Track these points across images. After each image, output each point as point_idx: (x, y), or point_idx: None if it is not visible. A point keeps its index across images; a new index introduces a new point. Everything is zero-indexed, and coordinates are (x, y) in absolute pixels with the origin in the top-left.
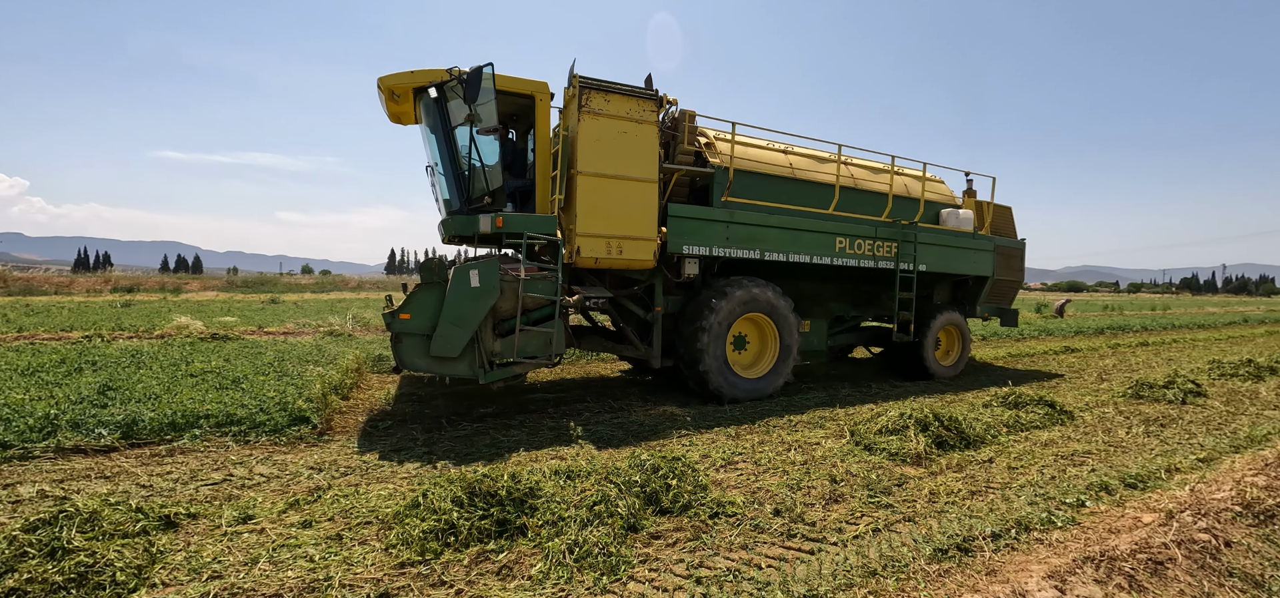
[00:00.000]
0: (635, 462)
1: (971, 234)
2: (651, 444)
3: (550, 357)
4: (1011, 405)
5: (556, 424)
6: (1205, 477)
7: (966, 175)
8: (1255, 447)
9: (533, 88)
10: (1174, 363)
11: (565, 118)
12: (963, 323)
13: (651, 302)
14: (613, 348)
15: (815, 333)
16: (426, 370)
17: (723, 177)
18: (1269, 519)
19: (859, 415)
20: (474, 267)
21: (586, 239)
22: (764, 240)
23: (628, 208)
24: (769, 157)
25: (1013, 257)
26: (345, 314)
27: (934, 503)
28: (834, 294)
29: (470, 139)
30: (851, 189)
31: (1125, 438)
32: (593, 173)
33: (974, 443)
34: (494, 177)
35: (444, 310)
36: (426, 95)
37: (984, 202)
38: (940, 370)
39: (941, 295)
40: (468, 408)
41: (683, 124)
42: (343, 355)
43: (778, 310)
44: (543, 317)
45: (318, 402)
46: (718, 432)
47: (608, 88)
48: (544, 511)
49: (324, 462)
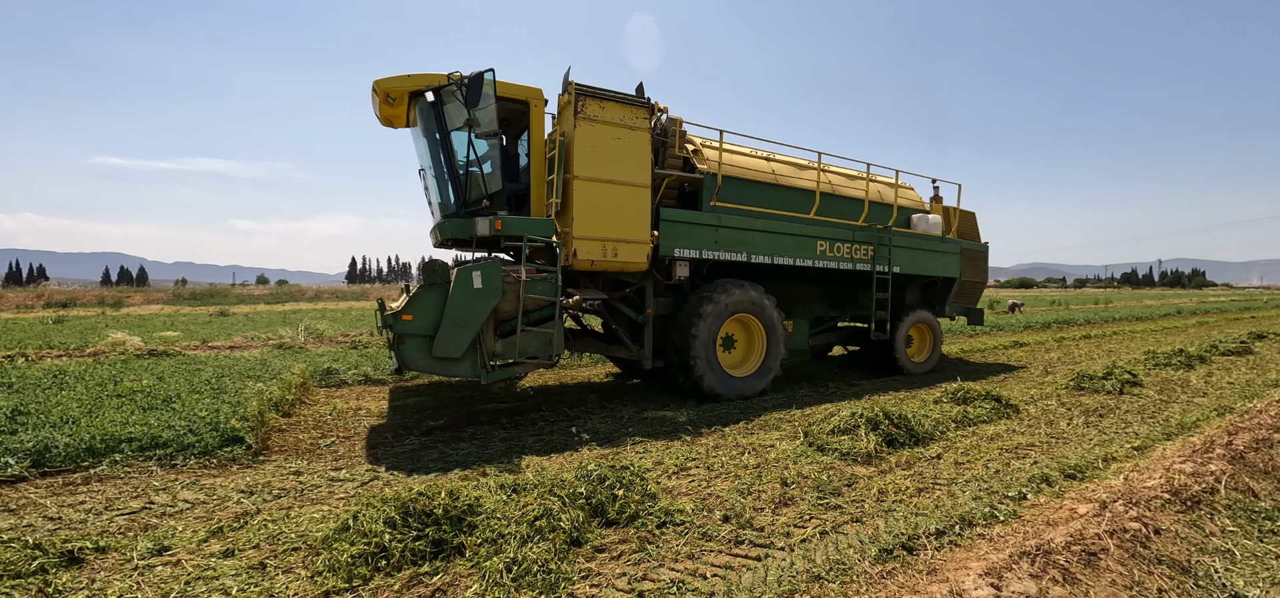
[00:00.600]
0: (582, 472)
1: (940, 238)
2: (605, 453)
3: (550, 356)
4: (960, 401)
5: (509, 436)
6: (1138, 465)
7: (934, 182)
8: (1185, 433)
9: (528, 94)
10: (1113, 355)
11: (560, 123)
12: (934, 321)
13: (642, 304)
14: (604, 350)
15: (798, 333)
16: (428, 371)
17: (711, 182)
18: (1195, 505)
19: (814, 416)
20: (477, 268)
21: (583, 242)
22: (751, 244)
23: (622, 212)
24: (753, 163)
25: (978, 259)
26: (298, 326)
27: (882, 502)
28: (814, 295)
29: (469, 143)
30: (830, 195)
31: (1066, 429)
32: (589, 178)
33: (923, 440)
34: (492, 180)
35: (447, 311)
36: (423, 99)
37: (950, 207)
38: (912, 367)
39: (913, 296)
40: (417, 421)
41: (673, 131)
42: (289, 369)
43: (764, 311)
44: (543, 318)
45: (253, 420)
46: (673, 438)
47: (603, 95)
48: (484, 528)
49: (256, 484)
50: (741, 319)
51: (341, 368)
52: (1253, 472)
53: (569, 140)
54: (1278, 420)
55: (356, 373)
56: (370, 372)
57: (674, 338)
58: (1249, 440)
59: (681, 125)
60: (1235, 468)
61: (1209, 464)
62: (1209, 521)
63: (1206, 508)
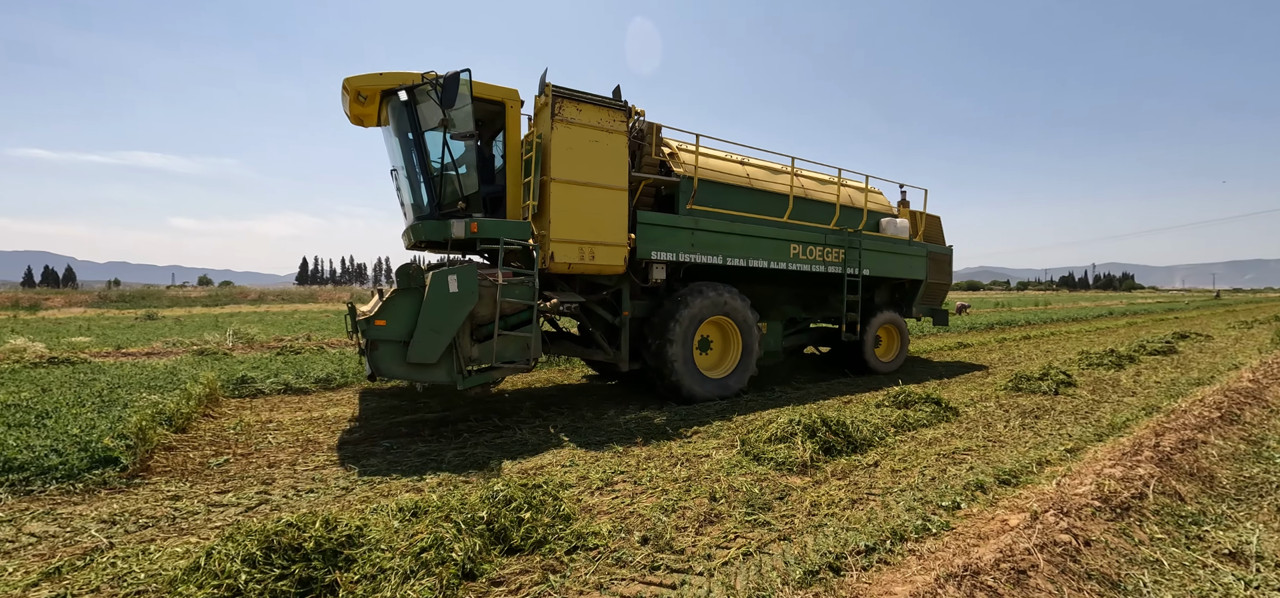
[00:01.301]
0: (488, 493)
1: (908, 241)
2: (529, 466)
3: (528, 360)
4: (901, 404)
5: (428, 449)
6: (1071, 469)
7: (901, 187)
8: (1115, 434)
9: (504, 95)
10: (1050, 355)
11: (537, 125)
12: (901, 322)
13: (619, 307)
14: (580, 352)
15: (772, 334)
16: (403, 377)
17: (688, 185)
18: (1124, 512)
19: (753, 424)
20: (453, 272)
21: (560, 245)
22: (726, 247)
23: (599, 215)
24: (729, 167)
25: (942, 261)
26: (227, 330)
27: (813, 516)
28: (787, 298)
29: (444, 144)
30: (803, 199)
31: (1003, 432)
32: (566, 180)
33: (861, 447)
34: (468, 182)
35: (422, 316)
36: (396, 98)
37: (917, 211)
38: (881, 367)
39: (882, 298)
40: (330, 435)
41: (649, 134)
42: (195, 379)
43: (740, 313)
44: (520, 321)
45: (132, 437)
46: (606, 449)
47: (580, 98)
48: (364, 563)
49: (123, 513)
50: (717, 321)
51: (259, 376)
52: (1179, 474)
53: (546, 142)
54: (1201, 421)
55: (276, 382)
56: (291, 380)
57: (651, 340)
58: (1175, 442)
59: (659, 129)
60: (1163, 471)
61: (1138, 468)
62: (1138, 528)
63: (1135, 515)
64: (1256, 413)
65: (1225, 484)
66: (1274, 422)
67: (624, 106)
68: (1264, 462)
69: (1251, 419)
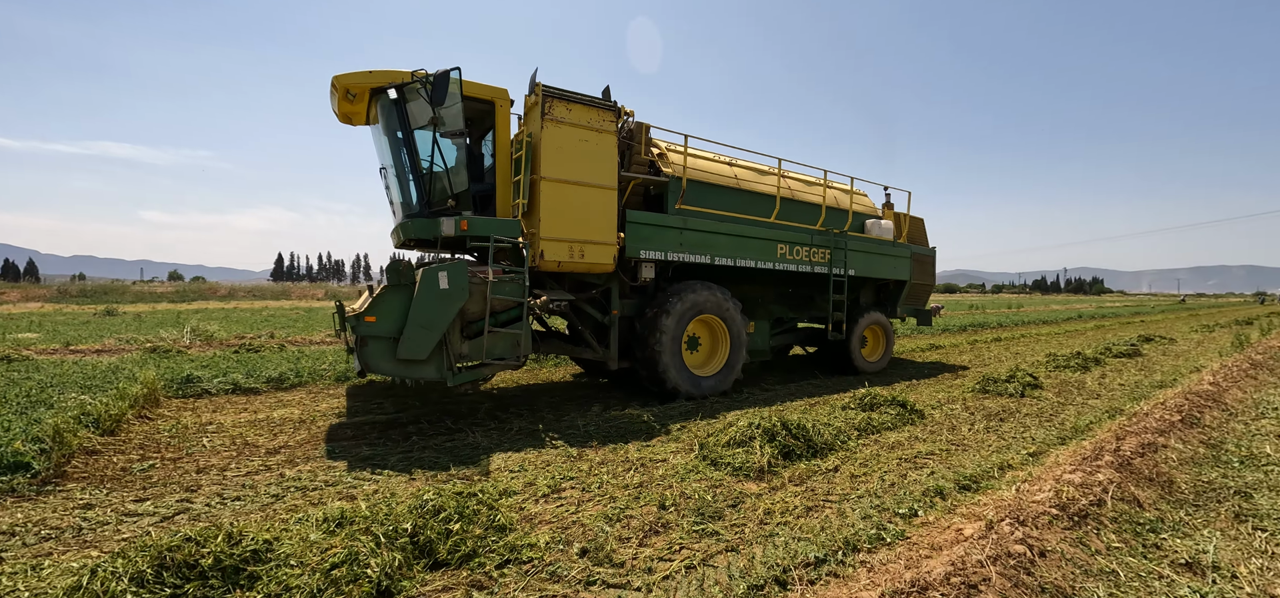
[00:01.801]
0: (416, 502)
1: (892, 242)
2: (474, 471)
3: (517, 357)
4: (866, 407)
5: (373, 452)
6: (1032, 473)
7: (886, 189)
8: (1078, 437)
9: (493, 93)
10: (1019, 357)
11: (527, 125)
12: (887, 322)
13: (608, 305)
14: (570, 351)
15: (759, 334)
16: (392, 374)
17: (676, 186)
18: (1082, 520)
19: (712, 427)
20: (443, 269)
21: (550, 243)
22: (715, 246)
23: (589, 214)
24: (717, 168)
25: (926, 263)
26: (185, 327)
27: (765, 525)
28: (774, 297)
29: (434, 142)
30: (790, 200)
31: (967, 435)
32: (556, 179)
33: (821, 451)
34: (458, 180)
35: (412, 312)
36: (385, 96)
37: (901, 213)
38: (867, 366)
39: (867, 298)
40: (271, 437)
41: (639, 135)
42: (131, 378)
43: (728, 312)
44: (510, 319)
45: (47, 441)
46: (557, 453)
47: (570, 98)
48: (269, 580)
49: (25, 523)
50: (706, 320)
51: (207, 375)
52: (1139, 479)
53: (536, 142)
54: (1161, 424)
55: (224, 381)
56: (241, 379)
57: (640, 339)
58: (1136, 445)
59: (648, 129)
60: (1122, 476)
61: (1097, 473)
62: (1095, 536)
63: (1093, 523)
64: (1216, 416)
65: (1184, 489)
66: (1232, 425)
67: (613, 107)
68: (1222, 466)
69: (1211, 422)
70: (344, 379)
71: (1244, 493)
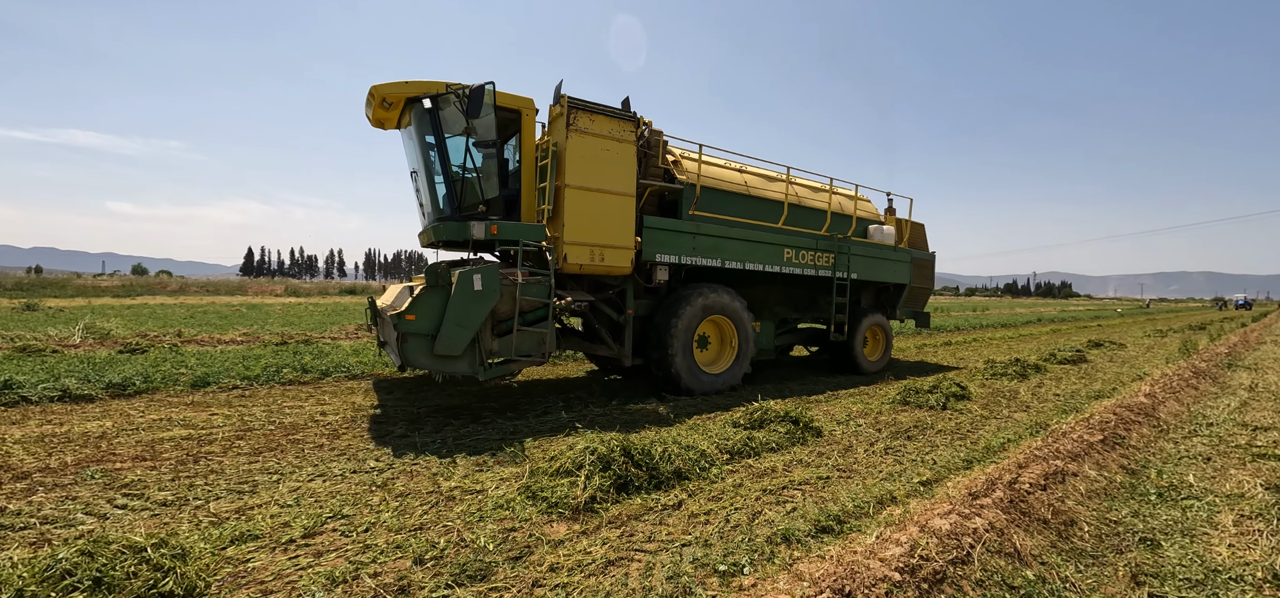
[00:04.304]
0: (51, 560)
1: (893, 247)
2: (227, 509)
3: (543, 354)
4: (755, 425)
5: (130, 488)
6: (908, 511)
7: (888, 195)
8: (986, 460)
9: (520, 104)
10: (963, 362)
11: (551, 133)
12: (886, 324)
13: (623, 305)
14: (587, 348)
15: (765, 334)
16: (430, 368)
17: (690, 192)
18: (935, 585)
19: (553, 448)
20: (478, 271)
21: (573, 247)
22: (725, 250)
23: (609, 219)
24: (728, 175)
25: (925, 267)
26: (75, 325)
27: (538, 589)
28: (779, 299)
29: (467, 151)
30: (797, 206)
31: (862, 458)
32: (579, 186)
33: (666, 483)
34: (489, 187)
35: (448, 312)
36: (420, 105)
37: (902, 219)
38: (868, 366)
39: (868, 300)
40: (42, 458)
41: (655, 143)
42: None
43: (736, 313)
44: (537, 318)
45: None
46: (357, 477)
47: (593, 109)
48: None
49: None
50: (715, 320)
51: (32, 381)
52: (1029, 522)
53: (561, 150)
54: (1078, 447)
55: (51, 388)
56: (72, 385)
57: (653, 337)
58: (1038, 475)
59: (664, 138)
60: (1009, 518)
61: (978, 514)
62: None
63: (949, 589)
64: (1144, 434)
65: (1083, 534)
66: (1161, 444)
67: (633, 117)
68: (1137, 499)
69: (1137, 442)
70: (202, 385)
71: (1151, 540)
